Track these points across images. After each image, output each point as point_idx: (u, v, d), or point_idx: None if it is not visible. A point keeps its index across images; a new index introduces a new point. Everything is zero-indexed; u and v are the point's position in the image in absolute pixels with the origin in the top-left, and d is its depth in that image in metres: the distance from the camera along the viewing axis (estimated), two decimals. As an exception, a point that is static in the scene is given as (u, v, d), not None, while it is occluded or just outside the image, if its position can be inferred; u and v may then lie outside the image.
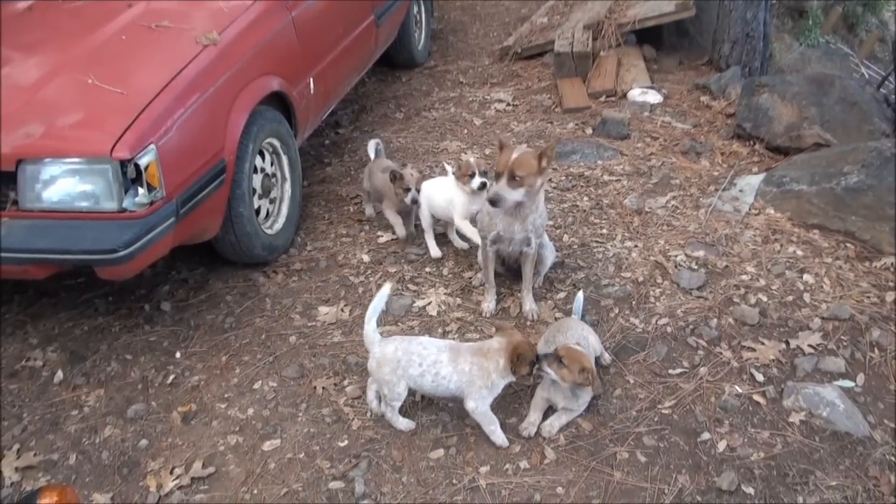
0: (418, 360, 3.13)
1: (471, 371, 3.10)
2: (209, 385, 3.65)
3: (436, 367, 3.12)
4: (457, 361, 3.12)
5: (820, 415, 3.25)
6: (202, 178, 3.71)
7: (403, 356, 3.14)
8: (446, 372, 3.12)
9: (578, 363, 3.13)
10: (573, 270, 4.25)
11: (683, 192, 4.96)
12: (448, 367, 3.12)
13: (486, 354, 3.11)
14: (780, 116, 5.39)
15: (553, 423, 3.27)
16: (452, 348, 3.18)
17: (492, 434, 3.20)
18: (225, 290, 4.26)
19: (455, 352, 3.16)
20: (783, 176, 4.83)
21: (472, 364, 3.11)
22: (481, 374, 3.10)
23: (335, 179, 5.39)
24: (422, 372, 3.13)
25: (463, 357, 3.13)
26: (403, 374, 3.14)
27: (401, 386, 3.16)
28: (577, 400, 3.26)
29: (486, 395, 3.14)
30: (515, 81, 6.99)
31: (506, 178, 3.51)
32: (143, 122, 3.45)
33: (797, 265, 4.18)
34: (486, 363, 3.10)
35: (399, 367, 3.13)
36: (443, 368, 3.12)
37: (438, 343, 3.21)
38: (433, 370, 3.12)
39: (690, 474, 3.06)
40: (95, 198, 3.39)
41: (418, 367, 3.13)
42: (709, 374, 3.51)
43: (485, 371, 3.10)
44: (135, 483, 3.18)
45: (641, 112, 6.06)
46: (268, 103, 4.29)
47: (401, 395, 3.19)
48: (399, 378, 3.15)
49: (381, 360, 3.16)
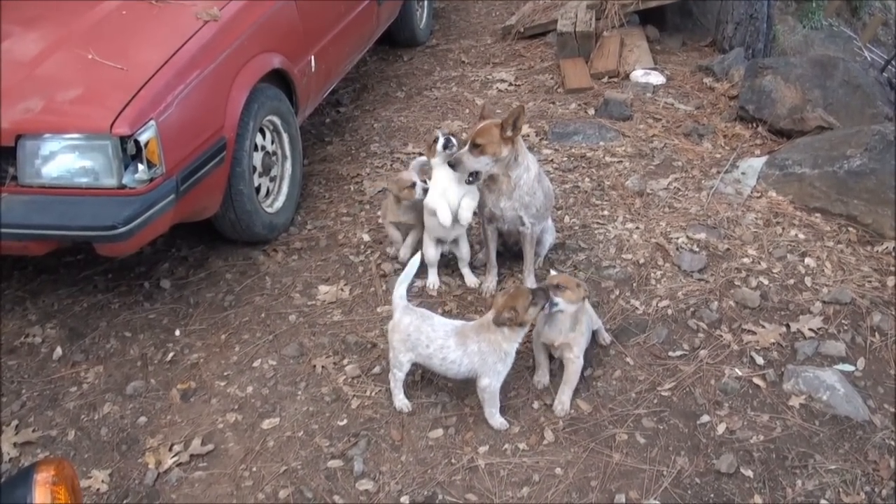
0: (426, 342, 3.12)
1: (480, 349, 3.07)
2: (208, 363, 3.63)
3: (443, 351, 3.10)
4: (465, 344, 3.09)
5: (820, 398, 3.23)
6: (202, 154, 3.67)
7: (414, 332, 3.13)
8: (455, 356, 3.09)
9: (574, 282, 3.20)
10: (574, 252, 4.22)
11: (685, 175, 4.93)
12: (456, 352, 3.09)
13: (490, 327, 3.08)
14: (783, 99, 5.35)
15: (563, 399, 3.26)
16: (459, 332, 3.14)
17: (491, 416, 3.18)
18: (225, 268, 4.23)
19: (462, 335, 3.12)
20: (786, 159, 4.79)
21: (480, 342, 3.08)
22: (492, 348, 3.07)
23: (336, 158, 5.35)
24: (430, 354, 3.12)
25: (470, 338, 3.10)
26: (412, 348, 3.14)
27: (405, 357, 3.16)
28: (579, 327, 3.25)
29: (502, 369, 3.11)
30: (518, 61, 6.92)
31: (469, 145, 3.54)
32: (143, 98, 3.40)
33: (799, 248, 4.15)
34: (492, 336, 3.07)
35: (409, 341, 3.14)
36: (450, 353, 3.10)
37: (447, 326, 3.17)
38: (440, 354, 3.10)
39: (689, 456, 3.05)
40: (95, 174, 3.36)
41: (426, 348, 3.12)
42: (709, 357, 3.50)
43: (494, 344, 3.07)
44: (133, 460, 3.17)
45: (644, 93, 6.01)
46: (269, 80, 4.23)
47: (402, 364, 3.19)
48: (406, 350, 3.15)
49: (396, 326, 3.18)
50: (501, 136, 3.50)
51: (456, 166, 3.56)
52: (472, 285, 3.99)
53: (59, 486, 1.82)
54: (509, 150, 3.56)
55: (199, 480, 3.07)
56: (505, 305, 3.03)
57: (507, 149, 3.55)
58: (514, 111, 3.51)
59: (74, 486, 1.90)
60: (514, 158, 3.59)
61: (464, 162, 3.54)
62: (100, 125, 3.31)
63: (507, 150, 3.55)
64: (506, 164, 3.59)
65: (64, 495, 1.80)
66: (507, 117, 3.50)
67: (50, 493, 1.78)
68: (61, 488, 1.82)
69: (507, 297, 3.06)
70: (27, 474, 1.83)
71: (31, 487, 1.78)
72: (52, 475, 1.81)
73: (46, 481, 1.79)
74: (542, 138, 5.45)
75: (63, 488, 1.82)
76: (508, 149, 3.55)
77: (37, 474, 1.80)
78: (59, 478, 1.82)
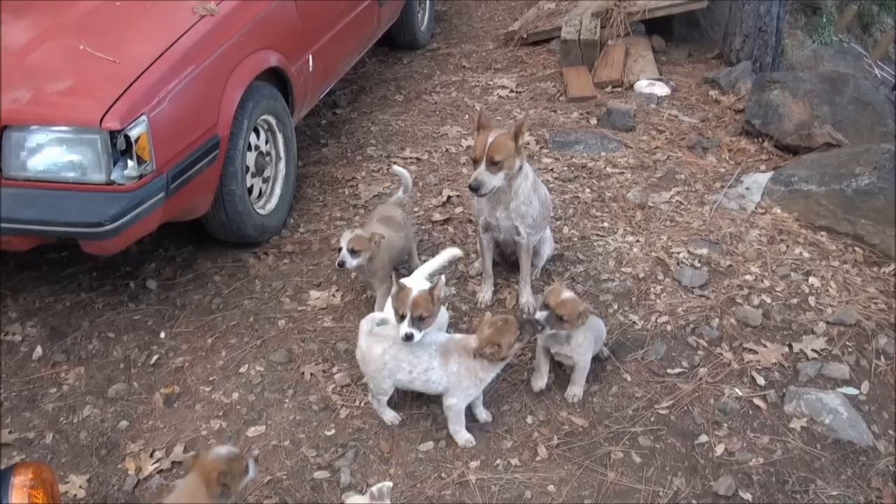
0: (408, 368, 3.05)
1: (458, 371, 3.04)
2: (194, 367, 3.61)
3: (427, 373, 3.05)
4: (447, 364, 3.05)
5: (822, 422, 3.23)
6: (194, 152, 3.66)
7: (391, 361, 3.05)
8: (437, 376, 3.06)
9: (576, 309, 3.15)
10: (572, 263, 4.22)
11: (688, 188, 4.93)
12: (440, 372, 3.05)
13: (469, 353, 3.04)
14: (790, 114, 5.36)
15: (575, 391, 3.35)
16: (443, 350, 3.07)
17: (456, 434, 3.17)
18: (213, 269, 4.22)
19: (445, 353, 3.07)
20: (792, 175, 4.81)
21: (460, 364, 3.04)
22: (468, 373, 3.04)
23: (331, 161, 5.34)
24: (411, 378, 3.07)
25: (452, 358, 3.05)
26: (391, 375, 3.08)
27: (387, 384, 3.13)
28: (570, 343, 3.25)
29: (473, 392, 3.10)
30: (520, 68, 6.94)
31: (484, 163, 3.47)
32: (135, 92, 3.40)
33: (803, 267, 4.16)
34: (471, 363, 3.03)
35: (385, 370, 3.07)
36: (434, 374, 3.05)
37: (430, 347, 3.08)
38: (424, 377, 3.06)
39: (686, 477, 3.04)
40: (83, 168, 3.35)
41: (408, 374, 3.06)
42: (708, 375, 3.49)
43: (471, 370, 3.04)
44: (113, 465, 3.14)
45: (648, 104, 6.02)
46: (265, 79, 4.23)
47: (387, 391, 3.17)
48: (386, 377, 3.10)
49: (366, 357, 3.10)
50: (516, 147, 3.49)
51: (479, 189, 3.50)
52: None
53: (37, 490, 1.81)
54: (520, 160, 3.55)
55: (180, 488, 3.04)
56: (489, 340, 2.98)
57: (519, 160, 3.55)
58: (521, 121, 3.51)
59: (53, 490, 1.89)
60: (520, 169, 3.59)
61: (485, 182, 3.48)
62: (89, 118, 3.30)
63: (519, 162, 3.55)
64: (513, 176, 3.58)
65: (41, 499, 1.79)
66: (519, 126, 3.48)
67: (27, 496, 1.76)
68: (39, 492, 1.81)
69: (494, 330, 3.00)
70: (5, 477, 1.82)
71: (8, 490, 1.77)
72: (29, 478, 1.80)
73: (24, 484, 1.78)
74: (542, 147, 5.45)
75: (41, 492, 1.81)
76: (520, 160, 3.55)
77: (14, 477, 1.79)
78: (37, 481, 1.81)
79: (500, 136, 3.48)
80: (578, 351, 3.28)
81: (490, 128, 3.56)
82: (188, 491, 2.48)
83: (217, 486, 2.46)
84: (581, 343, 3.27)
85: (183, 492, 2.50)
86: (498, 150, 3.45)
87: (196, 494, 2.46)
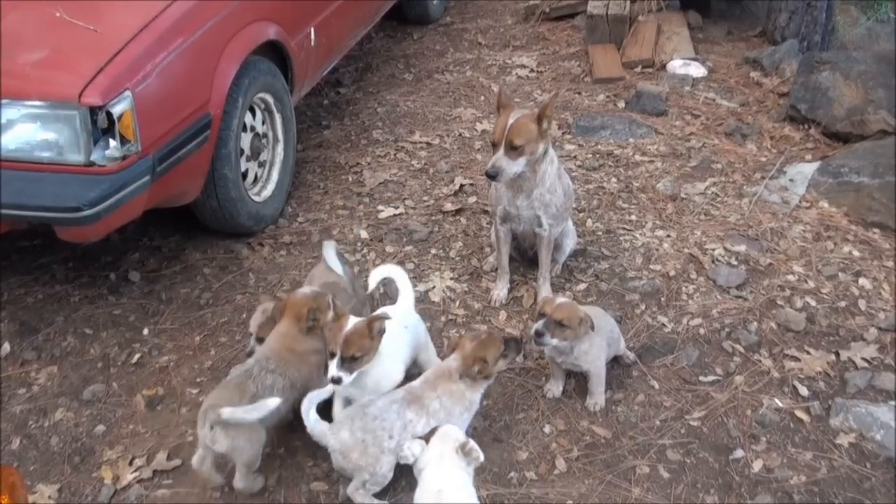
0: (387, 434, 2.87)
1: (443, 405, 2.95)
2: (179, 367, 3.60)
3: (407, 429, 2.89)
4: (424, 407, 2.92)
5: (872, 438, 3.18)
6: (184, 132, 3.64)
7: (367, 436, 2.85)
8: (422, 426, 2.90)
9: (577, 317, 3.13)
10: (596, 259, 4.19)
11: (725, 179, 4.89)
12: (421, 421, 2.91)
13: (451, 376, 2.97)
14: (841, 98, 5.30)
15: (595, 399, 3.34)
16: (410, 398, 2.94)
17: None
18: (203, 261, 4.21)
19: (414, 398, 2.94)
20: (841, 165, 4.75)
21: (441, 396, 2.95)
22: (454, 400, 2.96)
23: (333, 145, 5.32)
24: (397, 442, 2.86)
25: (426, 397, 2.94)
26: (379, 450, 2.86)
27: (383, 463, 2.85)
28: (574, 352, 3.22)
29: (468, 417, 3.03)
30: (541, 45, 6.90)
31: (503, 148, 3.44)
32: (119, 64, 3.37)
33: (852, 267, 4.11)
34: (453, 386, 2.96)
35: (369, 447, 2.85)
36: (418, 426, 2.90)
37: (392, 407, 2.89)
38: (406, 434, 2.88)
39: (720, 495, 3.00)
40: (59, 148, 3.33)
41: (391, 441, 2.86)
42: (745, 384, 3.45)
43: (457, 395, 2.97)
44: (87, 474, 3.13)
45: (682, 86, 5.97)
46: (262, 53, 4.22)
47: (386, 475, 2.88)
48: (375, 457, 2.86)
49: (343, 450, 2.86)
50: (539, 130, 3.45)
51: (497, 176, 3.48)
52: None
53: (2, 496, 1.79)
54: (544, 145, 3.51)
55: (163, 500, 3.02)
56: (474, 357, 2.93)
57: (542, 144, 3.50)
58: (548, 101, 3.46)
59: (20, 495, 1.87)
60: (544, 153, 3.55)
61: (504, 169, 3.45)
62: (67, 93, 3.27)
63: (542, 146, 3.51)
64: (536, 160, 3.54)
65: (6, 504, 1.77)
66: (544, 107, 3.44)
67: (-9, 502, 1.75)
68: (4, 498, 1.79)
69: (477, 344, 2.96)
70: (-32, 482, 1.80)
71: (-30, 495, 1.75)
72: None
73: None
74: (565, 132, 5.42)
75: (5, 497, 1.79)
76: (543, 144, 3.51)
77: None
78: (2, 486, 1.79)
79: (521, 118, 3.44)
80: (586, 359, 3.24)
81: (511, 108, 3.52)
82: (281, 334, 3.05)
83: (308, 321, 3.01)
84: (587, 350, 3.23)
85: (277, 339, 3.04)
86: (518, 134, 3.41)
87: (290, 334, 3.03)
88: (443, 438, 2.73)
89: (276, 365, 2.99)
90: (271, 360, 3.00)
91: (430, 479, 2.66)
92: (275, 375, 2.97)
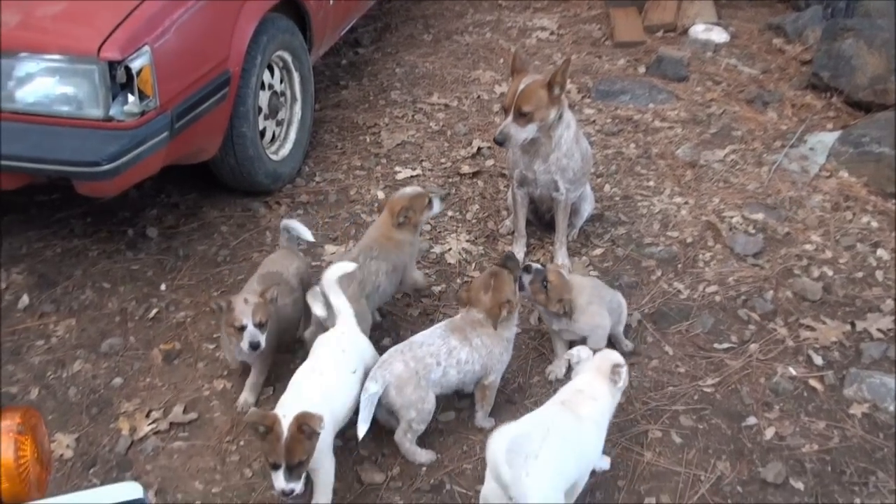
0: (434, 360, 2.95)
1: (484, 343, 3.01)
2: (196, 322, 3.61)
3: (453, 355, 2.97)
4: (467, 339, 3.00)
5: (886, 409, 3.17)
6: (202, 89, 3.62)
7: (418, 365, 2.93)
8: (466, 355, 2.99)
9: (558, 292, 3.15)
10: (613, 225, 4.17)
11: (745, 146, 4.84)
12: (465, 350, 2.99)
13: (482, 322, 3.03)
14: (864, 66, 5.21)
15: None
16: (454, 328, 3.04)
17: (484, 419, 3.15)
18: (220, 219, 4.21)
19: (459, 330, 3.03)
20: (863, 135, 4.69)
21: (481, 335, 3.01)
22: (494, 340, 3.02)
23: (351, 105, 5.29)
24: (444, 370, 2.96)
25: (467, 332, 3.02)
26: (427, 383, 2.94)
27: (429, 400, 2.94)
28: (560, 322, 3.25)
29: (506, 358, 3.10)
30: (562, 7, 6.81)
31: (512, 114, 3.42)
32: (138, 19, 3.35)
33: (871, 238, 4.07)
34: (490, 330, 3.02)
35: (421, 379, 2.92)
36: (462, 353, 2.99)
37: (435, 332, 3.04)
38: (453, 361, 2.97)
39: (731, 461, 3.00)
40: (78, 102, 3.32)
41: (439, 368, 2.96)
42: (760, 352, 3.44)
43: (494, 336, 3.02)
44: (105, 424, 3.16)
45: (703, 52, 5.89)
46: (281, 10, 4.18)
47: (431, 412, 2.96)
48: (426, 391, 2.93)
49: (398, 383, 2.90)
50: (549, 96, 3.42)
51: (505, 143, 3.46)
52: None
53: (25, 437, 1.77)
54: (556, 111, 3.48)
55: (179, 451, 3.06)
56: (497, 301, 2.99)
57: (554, 110, 3.47)
58: (561, 66, 3.42)
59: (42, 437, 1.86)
60: (559, 117, 3.52)
61: (512, 135, 3.44)
62: (86, 47, 3.25)
63: (553, 112, 3.47)
64: (549, 126, 3.51)
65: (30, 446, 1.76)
66: (555, 73, 3.40)
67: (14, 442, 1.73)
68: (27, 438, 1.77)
69: (494, 289, 3.02)
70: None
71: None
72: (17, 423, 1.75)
73: (10, 430, 1.74)
74: (584, 96, 5.37)
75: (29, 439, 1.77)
76: (555, 110, 3.47)
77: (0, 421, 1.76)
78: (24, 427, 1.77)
79: (531, 84, 3.41)
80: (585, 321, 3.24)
81: (525, 73, 3.49)
82: (378, 226, 3.44)
83: (398, 217, 3.35)
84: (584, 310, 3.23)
85: (376, 228, 3.44)
86: (527, 100, 3.39)
87: (384, 225, 3.40)
88: (604, 357, 2.85)
89: (379, 252, 3.32)
90: (373, 248, 3.33)
91: (577, 381, 2.82)
92: (378, 261, 3.30)
